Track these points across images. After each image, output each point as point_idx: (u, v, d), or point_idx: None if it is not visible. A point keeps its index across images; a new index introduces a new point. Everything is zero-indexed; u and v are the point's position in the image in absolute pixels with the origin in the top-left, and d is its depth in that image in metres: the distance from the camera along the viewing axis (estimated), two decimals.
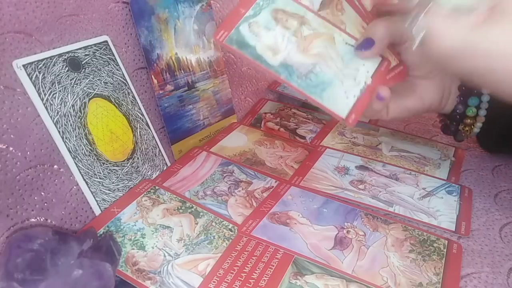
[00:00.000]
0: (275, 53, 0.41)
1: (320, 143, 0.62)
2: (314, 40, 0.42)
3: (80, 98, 0.45)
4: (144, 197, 0.47)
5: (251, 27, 0.41)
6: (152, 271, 0.39)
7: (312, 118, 0.69)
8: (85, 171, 0.44)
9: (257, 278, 0.39)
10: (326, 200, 0.50)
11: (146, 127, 0.52)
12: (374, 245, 0.44)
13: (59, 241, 0.36)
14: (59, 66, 0.43)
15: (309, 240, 0.44)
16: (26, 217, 0.40)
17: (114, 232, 0.43)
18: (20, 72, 0.40)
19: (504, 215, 0.49)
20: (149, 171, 0.51)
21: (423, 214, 0.49)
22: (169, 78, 0.55)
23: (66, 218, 0.43)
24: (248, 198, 0.50)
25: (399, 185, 0.53)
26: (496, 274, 0.42)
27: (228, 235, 0.44)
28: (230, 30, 0.41)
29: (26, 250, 0.35)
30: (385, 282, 0.40)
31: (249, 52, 0.41)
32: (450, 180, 0.55)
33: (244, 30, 0.41)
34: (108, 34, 0.49)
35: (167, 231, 0.44)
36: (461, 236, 0.46)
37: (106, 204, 0.45)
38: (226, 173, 0.53)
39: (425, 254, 0.43)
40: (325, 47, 0.42)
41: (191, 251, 0.42)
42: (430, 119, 0.72)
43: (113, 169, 0.47)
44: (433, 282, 0.40)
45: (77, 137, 0.44)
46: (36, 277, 0.33)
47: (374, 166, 0.57)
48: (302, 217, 0.47)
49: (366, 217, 0.48)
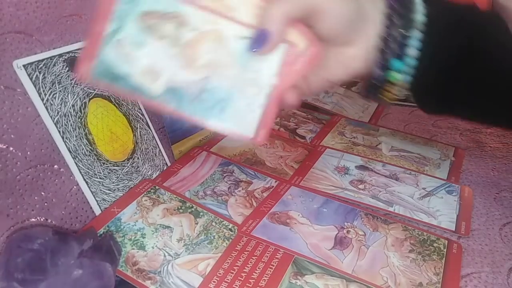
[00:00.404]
0: (156, 77, 0.33)
1: (320, 143, 0.62)
2: (199, 46, 0.33)
3: (80, 98, 0.45)
4: (144, 197, 0.47)
5: (118, 48, 0.32)
6: (152, 271, 0.39)
7: (312, 118, 0.69)
8: (85, 171, 0.44)
9: (257, 278, 0.39)
10: (326, 200, 0.50)
11: (146, 127, 0.52)
12: (374, 245, 0.44)
13: (59, 241, 0.36)
14: (60, 66, 0.43)
15: (309, 240, 0.44)
16: (26, 217, 0.40)
17: (114, 232, 0.43)
18: (21, 72, 0.40)
19: (504, 215, 0.49)
20: (149, 171, 0.51)
21: (423, 214, 0.49)
22: None
23: (66, 218, 0.43)
24: (248, 198, 0.50)
25: (399, 185, 0.53)
26: (496, 274, 0.42)
27: (228, 235, 0.44)
28: (89, 63, 0.32)
29: (26, 250, 0.35)
30: (385, 282, 0.40)
31: (124, 85, 0.32)
32: (450, 180, 0.55)
33: (110, 55, 0.32)
34: None
35: (167, 231, 0.44)
36: (461, 236, 0.46)
37: (106, 204, 0.45)
38: (226, 173, 0.53)
39: (425, 254, 0.43)
40: (215, 51, 0.33)
41: (191, 251, 0.42)
42: (430, 119, 0.72)
43: (113, 169, 0.47)
44: (433, 282, 0.40)
45: (77, 137, 0.44)
46: (36, 277, 0.33)
47: (374, 166, 0.57)
48: (302, 217, 0.47)
49: (366, 217, 0.48)
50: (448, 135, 0.67)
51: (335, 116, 0.71)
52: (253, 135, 0.34)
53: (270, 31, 0.33)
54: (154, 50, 0.32)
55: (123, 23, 0.32)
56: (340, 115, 0.71)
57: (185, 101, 0.33)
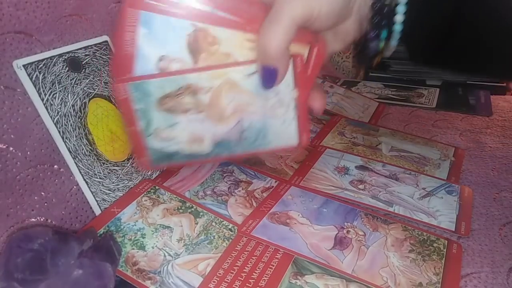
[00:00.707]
0: (200, 141, 0.37)
1: (320, 143, 0.62)
2: (219, 101, 0.36)
3: (80, 98, 0.45)
4: (144, 197, 0.47)
5: (158, 138, 0.37)
6: (152, 271, 0.39)
7: (312, 118, 0.69)
8: (85, 171, 0.44)
9: (257, 278, 0.39)
10: (326, 200, 0.50)
11: None
12: (374, 245, 0.44)
13: (59, 241, 0.36)
14: (59, 66, 0.43)
15: (309, 240, 0.44)
16: (26, 217, 0.40)
17: (114, 232, 0.43)
18: (21, 72, 0.40)
19: (504, 215, 0.49)
20: (149, 171, 0.51)
21: (423, 214, 0.49)
22: None
23: (66, 218, 0.43)
24: (248, 198, 0.50)
25: (399, 185, 0.53)
26: (496, 274, 0.42)
27: (228, 235, 0.44)
28: (144, 155, 0.37)
29: (26, 250, 0.35)
30: (385, 282, 0.40)
31: (180, 158, 0.37)
32: (450, 180, 0.55)
33: (156, 144, 0.37)
34: (108, 34, 0.49)
35: (167, 231, 0.44)
36: (461, 236, 0.46)
37: (106, 204, 0.45)
38: (226, 173, 0.53)
39: (425, 254, 0.43)
40: (234, 98, 0.36)
41: (191, 251, 0.42)
42: (430, 119, 0.72)
43: (113, 169, 0.47)
44: (433, 282, 0.40)
45: (77, 137, 0.44)
46: (36, 277, 0.33)
47: (374, 166, 0.57)
48: (302, 217, 0.47)
49: (366, 217, 0.48)
50: (448, 135, 0.67)
51: (335, 116, 0.71)
52: (297, 142, 0.39)
53: (275, 67, 0.34)
54: (186, 123, 0.36)
55: (149, 117, 0.36)
56: (340, 115, 0.71)
57: (232, 146, 0.38)
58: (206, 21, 0.34)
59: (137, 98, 0.35)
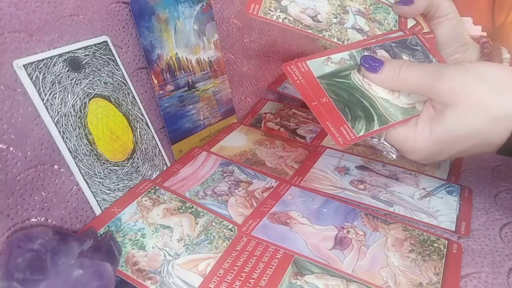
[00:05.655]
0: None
1: (320, 143, 0.62)
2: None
3: (80, 98, 0.45)
4: (144, 197, 0.47)
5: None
6: (153, 271, 0.39)
7: (312, 118, 0.69)
8: (85, 171, 0.44)
9: (257, 278, 0.39)
10: (326, 200, 0.50)
11: (146, 127, 0.52)
12: (374, 245, 0.44)
13: (59, 241, 0.36)
14: (59, 66, 0.43)
15: (309, 240, 0.44)
16: (27, 217, 0.40)
17: (115, 232, 0.43)
18: (21, 72, 0.40)
19: (504, 215, 0.49)
20: (149, 171, 0.51)
21: (423, 214, 0.49)
22: (169, 78, 0.55)
23: (66, 218, 0.43)
24: (248, 198, 0.50)
25: (399, 185, 0.53)
26: (496, 274, 0.42)
27: (228, 235, 0.44)
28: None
29: (26, 250, 0.35)
30: (385, 282, 0.40)
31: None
32: (450, 180, 0.55)
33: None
34: (108, 34, 0.49)
35: (167, 231, 0.44)
36: (461, 236, 0.46)
37: (106, 204, 0.45)
38: (226, 173, 0.53)
39: (425, 254, 0.43)
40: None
41: (191, 251, 0.42)
42: None
43: (113, 169, 0.47)
44: (433, 282, 0.40)
45: (78, 137, 0.44)
46: (36, 277, 0.33)
47: (374, 166, 0.57)
48: (302, 217, 0.47)
49: (366, 217, 0.48)
50: None
51: None
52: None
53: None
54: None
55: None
56: None
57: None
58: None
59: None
